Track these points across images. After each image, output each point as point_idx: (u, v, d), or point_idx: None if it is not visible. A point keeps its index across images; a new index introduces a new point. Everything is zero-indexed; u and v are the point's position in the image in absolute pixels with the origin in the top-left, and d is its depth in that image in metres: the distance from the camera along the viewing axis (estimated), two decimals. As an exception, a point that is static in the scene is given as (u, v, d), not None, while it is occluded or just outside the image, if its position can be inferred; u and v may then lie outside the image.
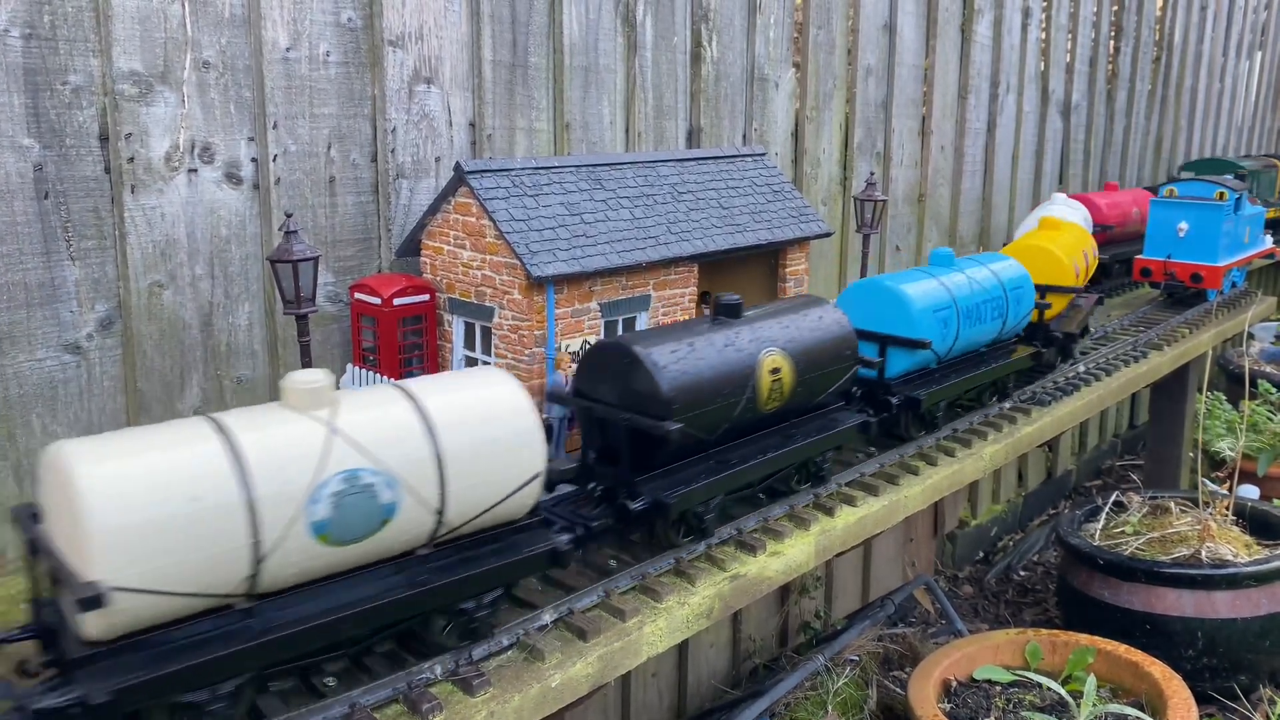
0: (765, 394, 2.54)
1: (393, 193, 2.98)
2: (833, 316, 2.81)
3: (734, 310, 2.60)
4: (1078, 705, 3.29)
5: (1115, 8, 6.91)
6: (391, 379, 2.63)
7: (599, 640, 2.10)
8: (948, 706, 3.43)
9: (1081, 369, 4.17)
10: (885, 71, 4.84)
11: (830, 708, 3.90)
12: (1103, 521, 4.59)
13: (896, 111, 4.93)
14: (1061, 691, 3.38)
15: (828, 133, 4.56)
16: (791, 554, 2.56)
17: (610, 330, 2.82)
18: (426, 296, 2.80)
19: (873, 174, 3.93)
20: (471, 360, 2.81)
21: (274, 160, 2.71)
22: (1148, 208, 5.31)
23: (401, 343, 2.76)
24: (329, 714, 1.79)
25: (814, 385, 2.70)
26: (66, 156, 2.38)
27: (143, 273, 2.53)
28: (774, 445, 2.64)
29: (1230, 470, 5.14)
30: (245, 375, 2.75)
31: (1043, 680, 3.44)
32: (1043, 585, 5.65)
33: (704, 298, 3.32)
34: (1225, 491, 4.91)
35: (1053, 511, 6.69)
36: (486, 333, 2.74)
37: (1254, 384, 6.56)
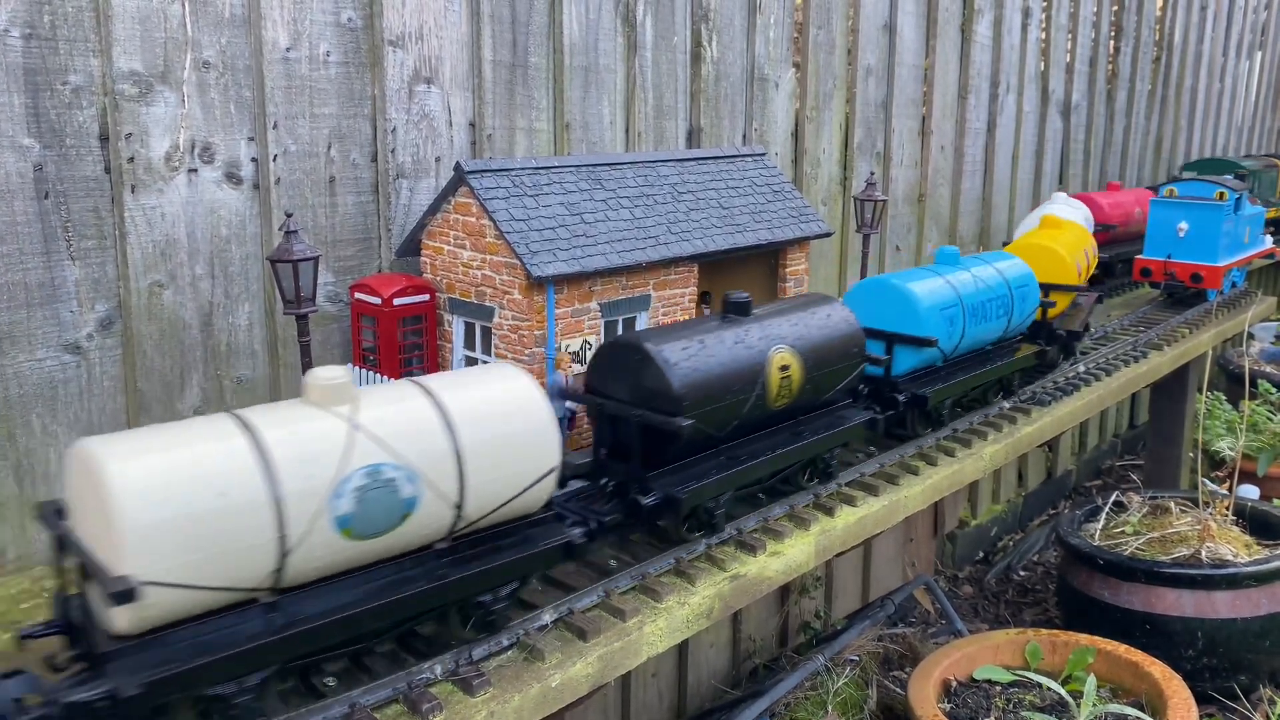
0: (775, 391, 2.55)
1: (393, 193, 2.98)
2: (841, 314, 2.82)
3: (743, 308, 2.62)
4: (1078, 705, 3.29)
5: (1115, 8, 6.91)
6: (394, 379, 2.63)
7: (599, 640, 2.10)
8: (948, 706, 3.43)
9: (1081, 369, 4.17)
10: (885, 71, 4.84)
11: (830, 708, 3.90)
12: (1103, 521, 4.59)
13: (896, 111, 4.93)
14: (1061, 691, 3.38)
15: (828, 133, 4.56)
16: (791, 554, 2.56)
17: (610, 330, 2.82)
18: (426, 296, 2.80)
19: (873, 174, 3.93)
20: (471, 360, 2.81)
21: (274, 160, 2.71)
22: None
23: (401, 342, 2.76)
24: (329, 714, 1.79)
25: (822, 382, 2.71)
26: (66, 156, 2.38)
27: (143, 273, 2.53)
28: (783, 442, 2.66)
29: (1230, 470, 5.14)
30: (245, 375, 2.75)
31: (1043, 680, 3.44)
32: (1043, 585, 5.65)
33: (704, 298, 3.32)
34: (1225, 491, 4.91)
35: (1053, 511, 6.69)
36: (486, 332, 2.74)
37: (1254, 384, 6.56)
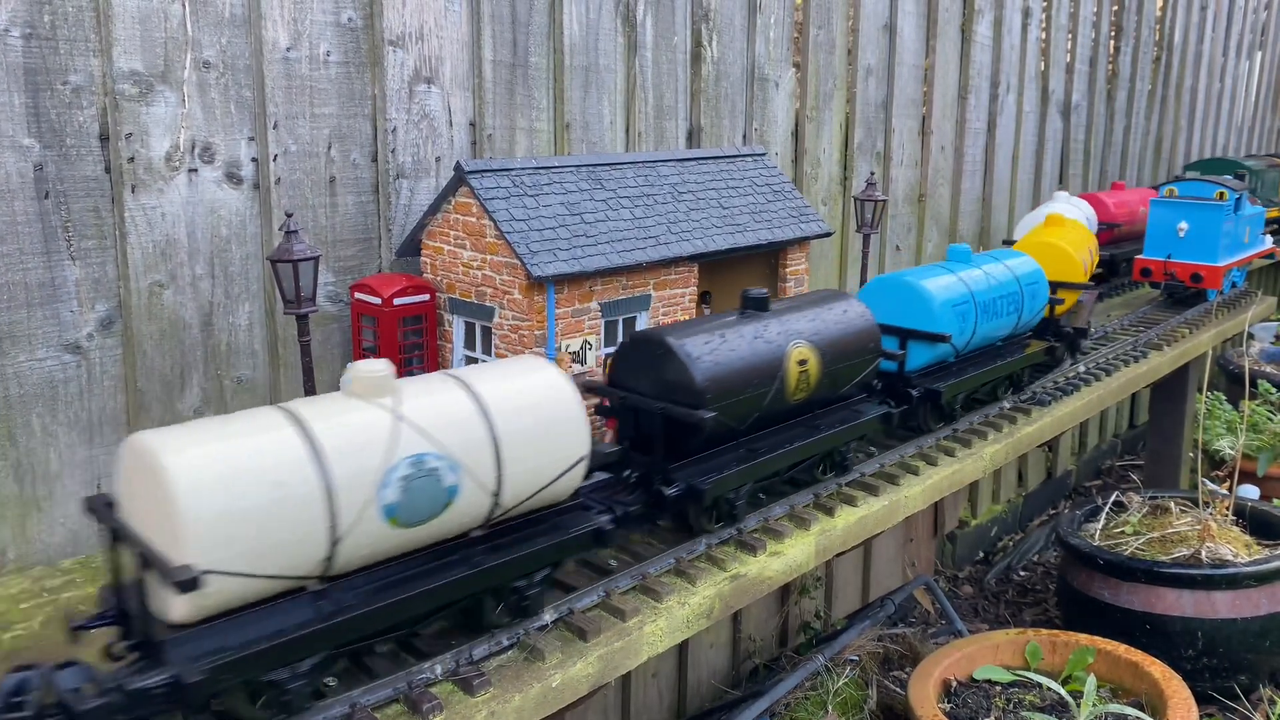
0: (793, 384, 2.60)
1: (393, 192, 2.98)
2: (857, 310, 2.87)
3: (762, 303, 2.66)
4: (1078, 705, 3.29)
5: (1115, 8, 6.91)
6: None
7: (599, 640, 2.10)
8: (948, 706, 3.43)
9: (1081, 369, 4.17)
10: (885, 71, 4.84)
11: (830, 708, 3.90)
12: (1103, 521, 4.59)
13: (896, 111, 4.93)
14: (1061, 691, 3.38)
15: (828, 133, 4.56)
16: (792, 554, 2.56)
17: (610, 330, 2.82)
18: (427, 296, 2.80)
19: (873, 174, 3.93)
20: (472, 360, 2.81)
21: (274, 160, 2.71)
22: (1153, 207, 5.33)
23: (402, 342, 2.76)
24: (329, 714, 1.79)
25: (839, 377, 2.76)
26: (67, 156, 2.38)
27: (143, 272, 2.53)
28: (801, 435, 2.71)
29: (1230, 470, 5.15)
30: (245, 375, 2.75)
31: (1043, 680, 3.44)
32: (1043, 585, 5.65)
33: (704, 297, 3.32)
34: (1225, 491, 4.91)
35: (1053, 511, 6.69)
36: (487, 332, 2.74)
37: (1254, 384, 6.56)
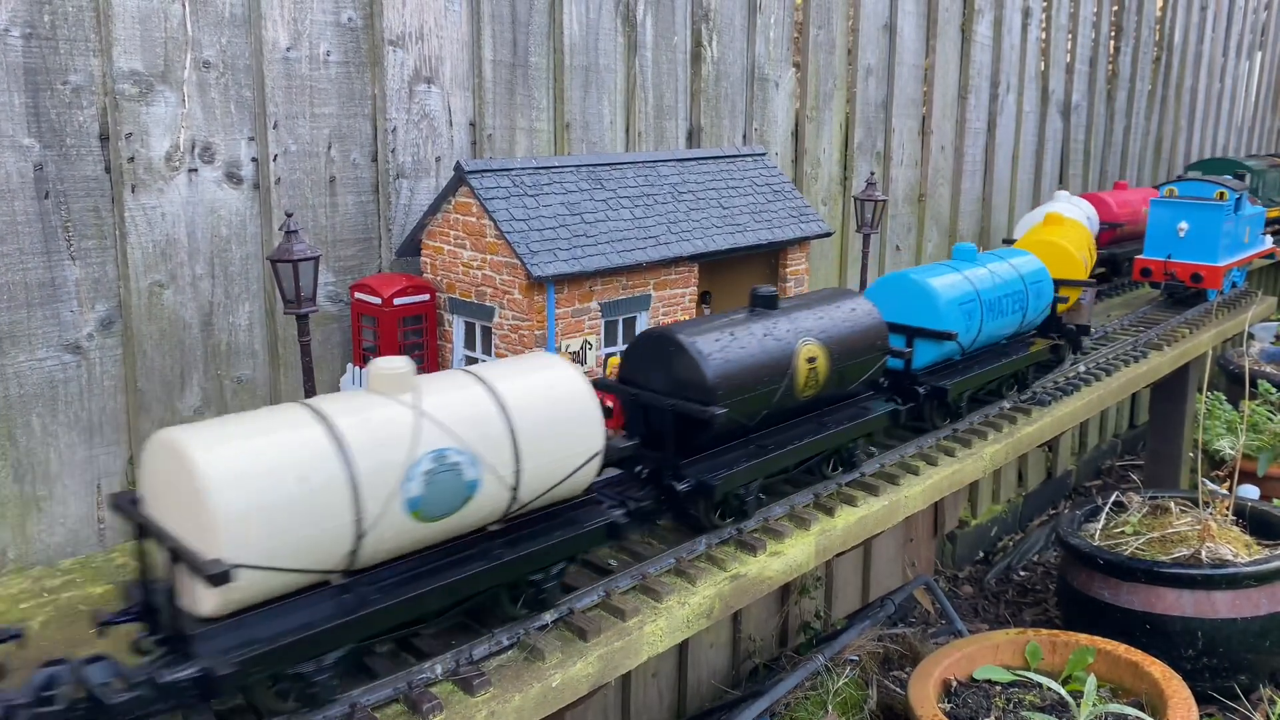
0: (802, 381, 2.62)
1: (393, 192, 2.98)
2: (865, 308, 2.89)
3: (771, 301, 2.68)
4: (1078, 705, 3.29)
5: (1115, 8, 6.91)
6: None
7: (599, 640, 2.10)
8: (948, 706, 3.43)
9: (1081, 369, 4.17)
10: (885, 71, 4.84)
11: (830, 708, 3.90)
12: (1103, 521, 4.59)
13: (896, 111, 4.93)
14: (1061, 691, 3.38)
15: (828, 133, 4.56)
16: (791, 554, 2.56)
17: (610, 330, 2.82)
18: (426, 296, 2.80)
19: (873, 174, 3.93)
20: (472, 360, 2.81)
21: (274, 160, 2.71)
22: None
23: (402, 342, 2.76)
24: (329, 714, 1.79)
25: (847, 374, 2.79)
26: (67, 156, 2.38)
27: (143, 272, 2.53)
28: (809, 431, 2.73)
29: (1230, 470, 5.14)
30: (245, 375, 2.75)
31: (1043, 680, 3.44)
32: (1043, 585, 5.65)
33: (704, 297, 3.32)
34: (1225, 491, 4.91)
35: (1053, 511, 6.69)
36: (487, 332, 2.74)
37: (1254, 384, 6.56)
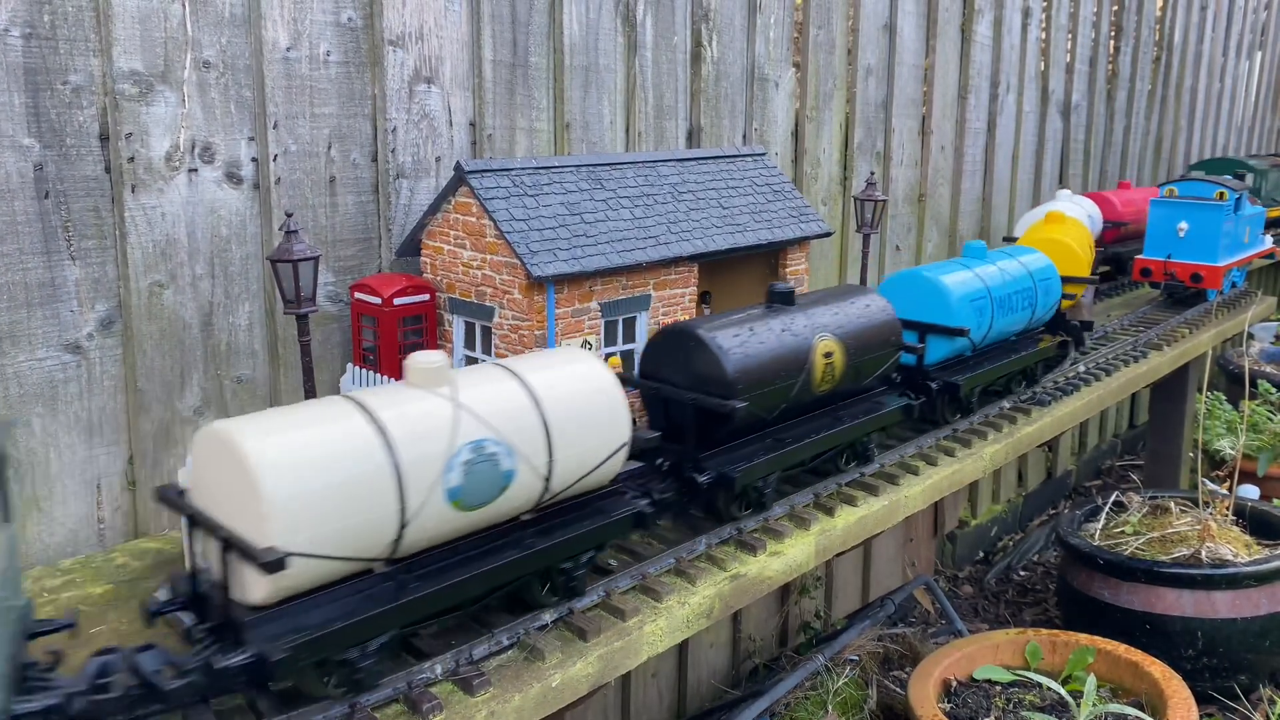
0: (819, 376, 2.66)
1: (393, 192, 2.98)
2: (879, 304, 2.94)
3: (788, 297, 2.73)
4: (1078, 705, 3.29)
5: (1115, 8, 6.91)
6: (394, 379, 2.63)
7: (599, 640, 2.10)
8: (948, 706, 3.43)
9: (1081, 369, 4.17)
10: (885, 71, 4.84)
11: (830, 708, 3.90)
12: (1103, 521, 4.59)
13: (896, 111, 4.93)
14: (1061, 691, 3.38)
15: (828, 133, 4.56)
16: (792, 554, 2.56)
17: (610, 330, 2.82)
18: (426, 296, 2.80)
19: (873, 174, 3.93)
20: (472, 360, 2.81)
21: (274, 160, 2.71)
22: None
23: (402, 342, 2.75)
24: (329, 714, 1.79)
25: (862, 369, 2.83)
26: (67, 156, 2.38)
27: (143, 272, 2.53)
28: (826, 425, 2.78)
29: (1230, 470, 5.14)
30: (245, 375, 2.75)
31: (1043, 680, 3.44)
32: (1043, 585, 5.65)
33: (704, 297, 3.32)
34: (1225, 491, 4.91)
35: (1053, 511, 6.69)
36: (487, 332, 2.74)
37: (1254, 384, 6.56)
